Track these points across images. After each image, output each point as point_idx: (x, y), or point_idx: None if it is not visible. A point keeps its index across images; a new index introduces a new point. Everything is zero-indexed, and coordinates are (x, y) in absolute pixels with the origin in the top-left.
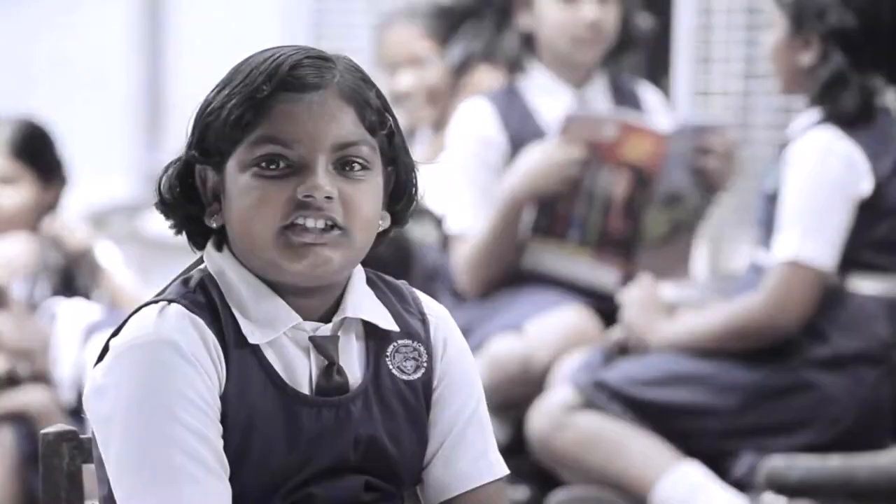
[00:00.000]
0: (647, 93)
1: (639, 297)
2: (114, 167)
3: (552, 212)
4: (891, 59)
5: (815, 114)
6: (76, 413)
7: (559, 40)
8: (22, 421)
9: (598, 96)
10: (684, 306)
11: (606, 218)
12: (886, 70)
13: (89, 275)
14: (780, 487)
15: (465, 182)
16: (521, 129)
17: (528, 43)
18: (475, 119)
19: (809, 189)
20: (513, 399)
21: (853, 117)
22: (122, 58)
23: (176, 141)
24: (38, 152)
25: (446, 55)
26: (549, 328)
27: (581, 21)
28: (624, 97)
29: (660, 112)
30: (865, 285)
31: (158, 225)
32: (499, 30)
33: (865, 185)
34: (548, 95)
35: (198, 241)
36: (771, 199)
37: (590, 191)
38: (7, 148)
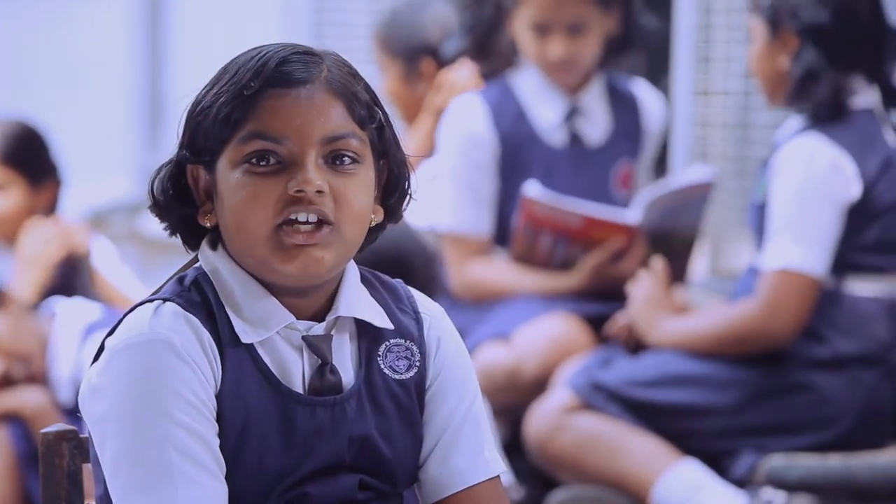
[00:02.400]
0: (644, 93)
1: (646, 293)
2: (114, 167)
3: (531, 264)
4: (871, 57)
5: (799, 121)
6: (76, 413)
7: (534, 63)
8: (18, 421)
9: (594, 101)
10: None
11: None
12: (867, 69)
13: (86, 276)
14: (780, 486)
15: (454, 180)
16: (513, 129)
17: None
18: (466, 117)
19: (796, 196)
20: (501, 406)
21: (827, 113)
22: (123, 58)
23: (175, 141)
24: (28, 156)
25: (445, 47)
26: (536, 337)
27: (548, 56)
28: (620, 99)
29: (656, 113)
30: (862, 287)
31: (158, 225)
32: (495, 26)
33: (854, 189)
34: (541, 97)
35: (192, 243)
36: (761, 209)
37: (561, 260)
38: None
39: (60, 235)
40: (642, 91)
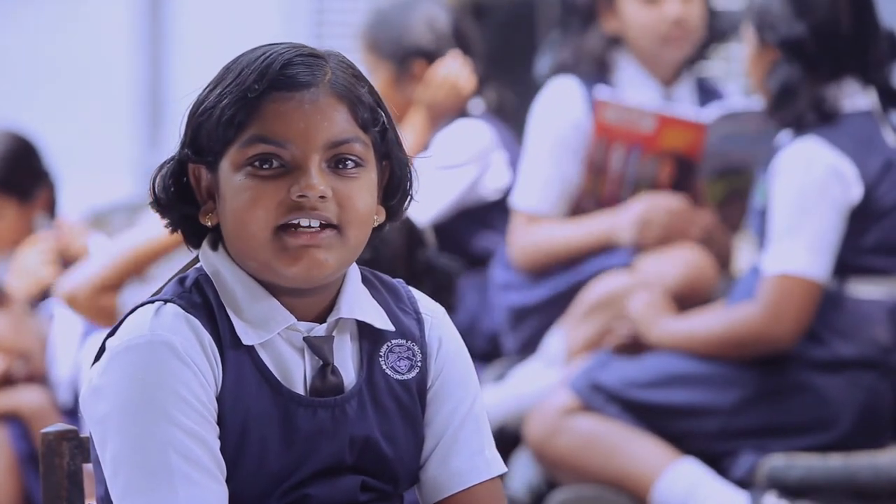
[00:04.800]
0: (732, 94)
1: (647, 295)
2: (114, 166)
3: (597, 199)
4: (860, 62)
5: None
6: (73, 413)
7: (646, 40)
8: (17, 421)
9: (686, 95)
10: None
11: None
12: (858, 73)
13: None
14: (781, 487)
15: (542, 162)
16: None
17: (615, 43)
18: (565, 100)
19: (796, 201)
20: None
21: (811, 123)
22: (123, 58)
23: (176, 140)
24: (17, 174)
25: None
26: (667, 262)
27: (665, 19)
28: (710, 97)
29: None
30: (865, 290)
31: (158, 224)
32: (584, 32)
33: (855, 192)
34: (635, 84)
35: (193, 241)
36: (762, 214)
37: (634, 178)
38: None
39: (58, 248)
40: (730, 92)
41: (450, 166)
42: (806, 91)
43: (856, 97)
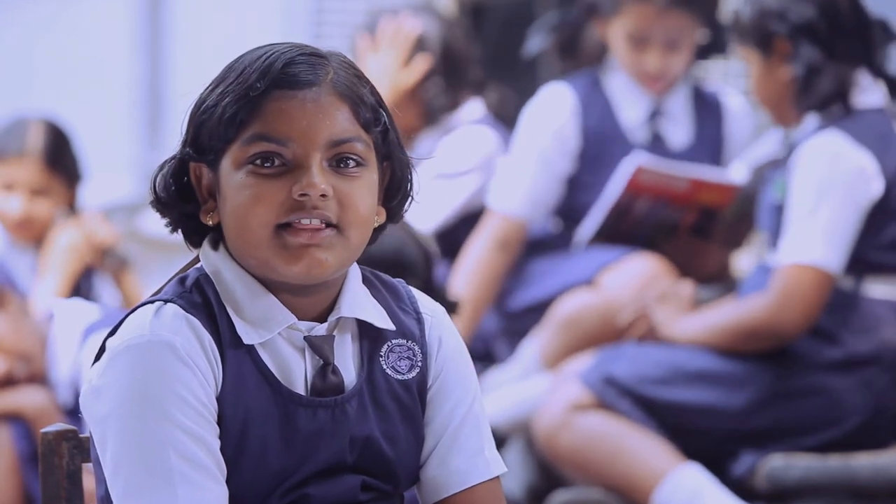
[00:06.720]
0: (731, 100)
1: (670, 289)
2: (114, 166)
3: (616, 230)
4: (863, 48)
5: (816, 120)
6: (73, 413)
7: (627, 71)
8: (18, 421)
9: (678, 104)
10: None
11: (672, 237)
12: (866, 62)
13: (111, 271)
14: (780, 487)
15: (524, 167)
16: (599, 123)
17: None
18: (555, 108)
19: (815, 193)
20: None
21: (836, 110)
22: (123, 56)
23: (176, 140)
24: (66, 158)
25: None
26: (626, 277)
27: (644, 68)
28: (706, 106)
29: (742, 121)
30: (879, 289)
31: (158, 224)
32: (581, 25)
33: (875, 188)
34: (627, 95)
35: (194, 240)
36: (778, 209)
37: (656, 220)
38: (41, 157)
39: (87, 240)
40: (729, 98)
41: (455, 174)
42: (829, 71)
43: (869, 92)
